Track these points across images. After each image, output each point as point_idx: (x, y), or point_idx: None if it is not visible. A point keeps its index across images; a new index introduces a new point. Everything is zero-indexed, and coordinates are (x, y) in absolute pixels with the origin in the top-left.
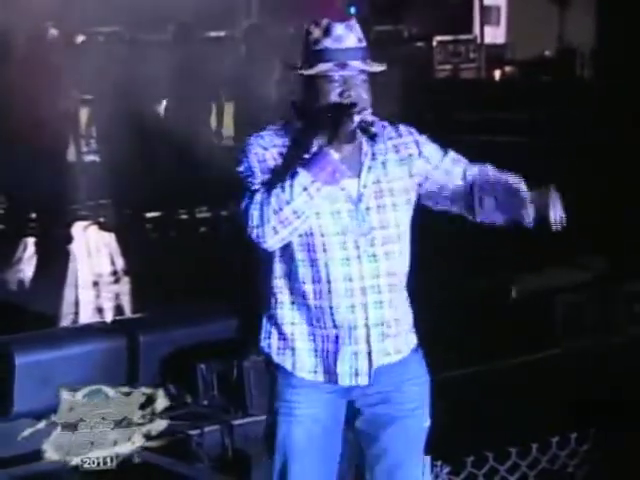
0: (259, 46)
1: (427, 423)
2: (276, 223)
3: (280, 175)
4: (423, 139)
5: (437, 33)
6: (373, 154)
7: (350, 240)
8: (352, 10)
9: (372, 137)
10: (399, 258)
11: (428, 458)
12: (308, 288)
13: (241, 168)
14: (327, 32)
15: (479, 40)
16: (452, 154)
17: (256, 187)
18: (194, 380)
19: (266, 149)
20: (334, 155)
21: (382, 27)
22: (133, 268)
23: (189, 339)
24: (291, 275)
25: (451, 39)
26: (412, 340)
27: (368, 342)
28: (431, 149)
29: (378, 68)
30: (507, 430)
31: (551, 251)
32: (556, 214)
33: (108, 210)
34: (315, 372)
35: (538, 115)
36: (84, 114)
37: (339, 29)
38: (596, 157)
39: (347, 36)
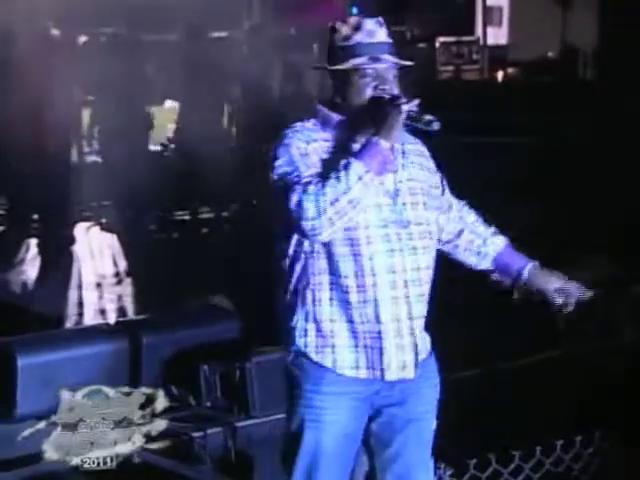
0: (261, 47)
1: (434, 425)
2: (332, 214)
3: (329, 168)
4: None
5: (440, 34)
6: (404, 152)
7: (392, 232)
8: (354, 10)
9: (427, 124)
10: (432, 254)
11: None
12: (351, 282)
13: (280, 162)
14: (358, 27)
15: (482, 41)
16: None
17: (305, 179)
18: (197, 382)
19: (308, 143)
20: (384, 144)
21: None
22: (136, 269)
23: (192, 340)
24: (331, 271)
25: (454, 40)
26: (429, 337)
27: (413, 334)
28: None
29: (408, 62)
30: (511, 432)
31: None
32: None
33: (111, 211)
34: (357, 368)
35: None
36: (86, 115)
37: (369, 24)
38: (600, 158)
39: (378, 30)
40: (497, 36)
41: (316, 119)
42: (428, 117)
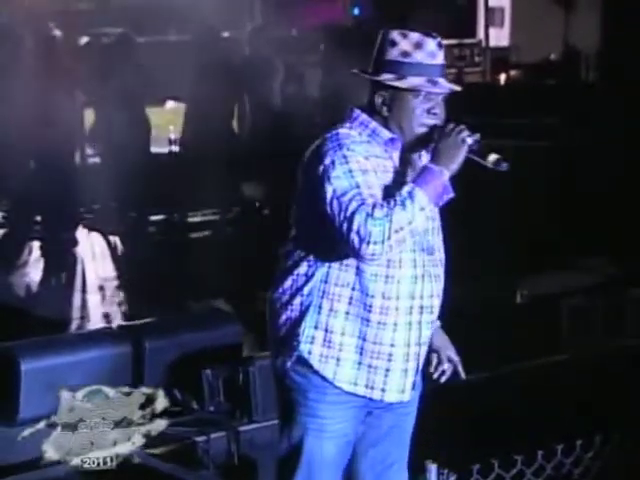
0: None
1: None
2: (394, 241)
3: (391, 192)
4: None
5: (442, 36)
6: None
7: (419, 258)
8: (356, 11)
9: (496, 164)
10: (442, 282)
11: (434, 467)
12: (376, 302)
13: (340, 174)
14: (420, 45)
15: (484, 43)
16: None
17: (365, 199)
18: (200, 386)
19: (366, 158)
20: (445, 175)
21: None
22: (137, 272)
23: (195, 345)
24: (355, 286)
25: (456, 42)
26: None
27: (418, 360)
28: None
29: (458, 88)
30: (514, 437)
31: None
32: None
33: (113, 214)
34: (355, 384)
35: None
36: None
37: (431, 44)
38: (602, 159)
39: (438, 52)
40: (498, 37)
41: (359, 128)
42: (494, 156)
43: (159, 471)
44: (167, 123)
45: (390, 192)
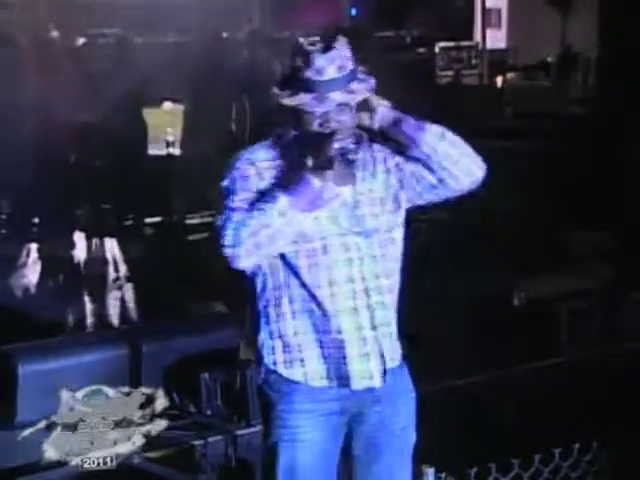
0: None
1: (414, 439)
2: (250, 245)
3: (261, 195)
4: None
5: (439, 39)
6: (366, 165)
7: (351, 242)
8: (353, 12)
9: (349, 163)
10: (394, 261)
11: (432, 470)
12: (310, 294)
13: (224, 182)
14: (308, 62)
15: (481, 45)
16: None
17: (235, 204)
18: (197, 389)
19: (253, 164)
20: (315, 183)
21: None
22: (135, 275)
23: (193, 348)
24: (290, 284)
25: (453, 45)
26: (400, 348)
27: (378, 343)
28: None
29: (359, 97)
30: (510, 441)
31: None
32: None
33: (111, 215)
34: (328, 378)
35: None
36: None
37: (320, 60)
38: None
39: (329, 67)
40: (495, 38)
41: (276, 137)
42: (352, 157)
43: (157, 475)
44: (164, 125)
45: (260, 200)
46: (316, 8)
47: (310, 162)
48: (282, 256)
